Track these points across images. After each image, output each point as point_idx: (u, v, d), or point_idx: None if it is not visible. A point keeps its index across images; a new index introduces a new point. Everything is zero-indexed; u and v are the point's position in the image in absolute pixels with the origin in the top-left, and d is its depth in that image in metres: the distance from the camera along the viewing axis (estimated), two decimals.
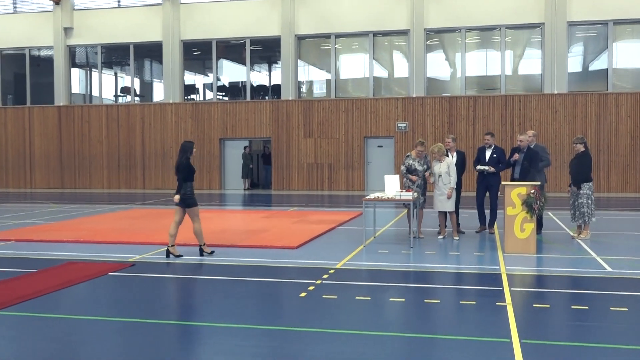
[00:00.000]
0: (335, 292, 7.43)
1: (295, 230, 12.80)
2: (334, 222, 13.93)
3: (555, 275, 8.49)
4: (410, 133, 24.03)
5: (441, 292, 7.61)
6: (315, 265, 9.18)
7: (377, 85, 25.18)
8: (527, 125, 22.99)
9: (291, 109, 25.21)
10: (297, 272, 8.75)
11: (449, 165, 11.35)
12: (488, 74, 24.61)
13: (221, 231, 12.68)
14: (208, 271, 8.86)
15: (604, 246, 10.74)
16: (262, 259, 9.68)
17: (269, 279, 8.40)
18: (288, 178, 25.27)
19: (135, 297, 7.30)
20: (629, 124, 22.62)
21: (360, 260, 9.63)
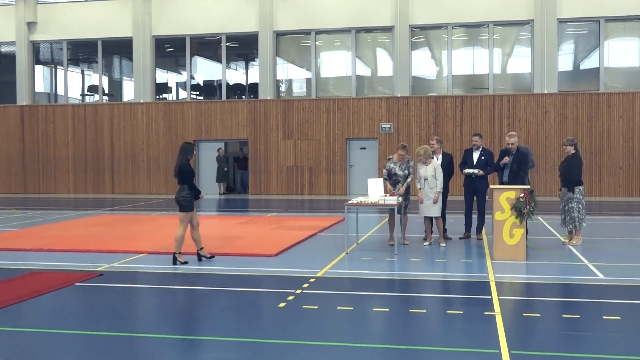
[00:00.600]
0: (316, 302, 7.42)
1: (274, 237, 12.77)
2: (315, 228, 13.92)
3: (546, 282, 8.56)
4: (394, 134, 24.12)
5: (427, 301, 7.63)
6: (295, 273, 9.17)
7: (359, 84, 25.26)
8: (516, 126, 23.20)
9: (269, 109, 25.18)
10: (275, 281, 8.73)
11: (435, 168, 11.39)
12: (475, 72, 24.80)
13: None
14: (181, 281, 8.80)
15: (596, 252, 10.86)
16: (238, 268, 9.65)
17: (246, 288, 8.37)
18: (266, 182, 25.22)
19: (103, 309, 7.23)
20: (621, 125, 22.91)
21: (342, 268, 9.62)
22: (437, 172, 11.37)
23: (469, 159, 12.32)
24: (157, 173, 26.03)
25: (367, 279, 8.83)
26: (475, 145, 12.33)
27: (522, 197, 10.05)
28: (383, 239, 12.41)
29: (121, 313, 7.05)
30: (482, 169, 12.17)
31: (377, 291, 8.14)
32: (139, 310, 7.42)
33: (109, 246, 11.64)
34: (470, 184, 12.27)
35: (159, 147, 26.01)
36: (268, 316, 6.91)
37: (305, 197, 24.47)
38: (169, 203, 22.12)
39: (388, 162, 11.72)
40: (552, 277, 8.94)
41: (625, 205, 20.53)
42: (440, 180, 11.34)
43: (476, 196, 12.33)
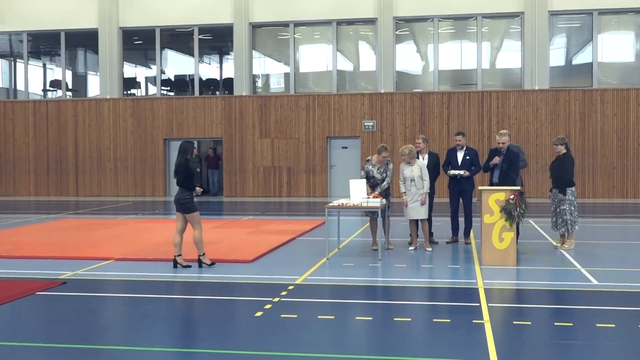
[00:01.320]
0: (295, 310, 7.42)
1: (250, 241, 12.75)
2: (294, 233, 13.92)
3: (537, 289, 8.63)
4: (378, 133, 24.20)
5: (412, 309, 7.66)
6: (272, 280, 9.15)
7: (341, 79, 25.29)
8: (506, 124, 23.36)
9: (245, 105, 25.14)
10: (252, 289, 8.71)
11: (422, 169, 11.46)
12: (463, 67, 24.95)
13: (166, 244, 12.53)
14: (151, 289, 8.75)
15: (590, 257, 10.97)
16: (212, 275, 9.62)
17: (220, 296, 8.34)
18: (242, 183, 25.17)
19: (66, 320, 7.17)
20: (616, 123, 23.16)
21: (322, 275, 9.63)
22: (423, 172, 11.43)
23: (453, 160, 12.39)
24: (125, 174, 25.86)
25: (349, 286, 8.83)
26: (459, 144, 12.40)
27: (512, 199, 10.10)
28: (366, 244, 12.44)
29: (86, 324, 6.99)
30: (467, 169, 12.24)
31: (359, 299, 8.15)
32: (106, 321, 7.37)
33: (73, 252, 11.54)
34: (456, 186, 12.34)
35: (127, 146, 25.84)
36: (244, 326, 6.89)
37: (284, 199, 24.45)
38: (137, 206, 21.99)
39: (367, 163, 11.73)
40: (544, 283, 9.02)
41: (620, 207, 20.76)
42: (427, 180, 11.41)
43: (462, 198, 12.40)
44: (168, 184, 25.93)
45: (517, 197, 10.13)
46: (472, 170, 12.30)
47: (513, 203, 10.08)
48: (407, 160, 11.49)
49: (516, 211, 10.08)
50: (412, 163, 11.48)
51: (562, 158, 11.59)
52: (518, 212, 10.10)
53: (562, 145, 11.62)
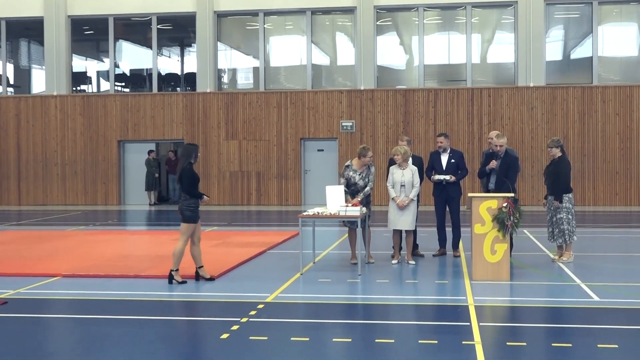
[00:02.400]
0: (266, 331, 7.40)
1: (215, 255, 12.70)
2: (264, 245, 13.89)
3: (533, 306, 8.69)
4: (357, 134, 24.26)
5: (396, 329, 7.68)
6: (240, 298, 9.12)
7: (316, 75, 25.33)
8: (498, 124, 23.55)
9: (209, 103, 25.07)
10: (217, 308, 8.68)
11: (414, 174, 11.48)
12: (451, 62, 25.10)
13: (121, 258, 12.45)
14: (103, 308, 8.68)
15: (590, 270, 11.07)
16: (173, 292, 9.56)
17: (182, 317, 8.29)
18: (206, 190, 25.05)
19: (7, 343, 7.09)
20: (618, 123, 23.43)
21: (296, 292, 9.62)
22: (414, 178, 11.48)
23: (437, 164, 12.43)
24: (74, 180, 25.64)
25: (326, 304, 8.83)
26: (442, 146, 12.46)
27: (505, 207, 10.16)
28: (344, 257, 12.44)
29: (30, 348, 6.91)
30: (453, 173, 12.28)
31: (337, 318, 8.15)
32: (52, 344, 7.29)
33: (14, 268, 11.41)
34: (442, 193, 12.38)
35: (76, 149, 25.63)
36: (208, 349, 6.86)
37: (252, 207, 24.39)
38: (88, 216, 21.80)
39: (346, 169, 11.73)
40: (540, 299, 9.09)
41: (623, 216, 20.97)
42: (417, 187, 11.46)
43: (449, 206, 12.45)
44: (122, 191, 25.75)
45: (511, 204, 10.17)
46: (458, 175, 12.36)
47: (506, 211, 10.12)
48: (400, 163, 11.51)
49: (510, 220, 10.12)
50: (403, 166, 11.52)
51: (558, 162, 11.68)
52: (512, 221, 10.14)
53: (557, 147, 11.71)
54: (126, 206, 25.38)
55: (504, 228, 10.14)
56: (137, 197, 25.72)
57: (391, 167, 11.69)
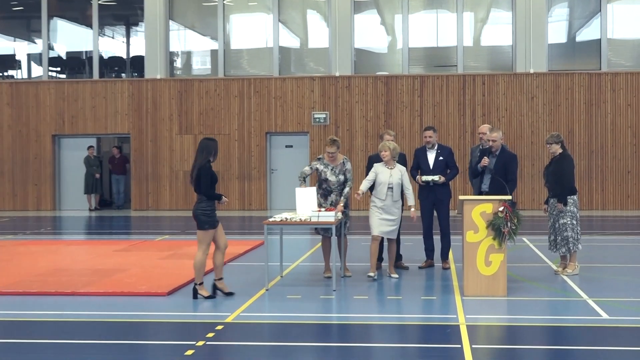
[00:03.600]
0: (226, 357, 7.38)
1: (166, 269, 12.65)
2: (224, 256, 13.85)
3: (533, 325, 8.74)
4: (331, 127, 24.26)
5: (377, 352, 7.69)
6: (195, 319, 9.10)
7: (284, 59, 25.30)
8: (493, 116, 23.66)
9: (160, 92, 24.94)
10: (169, 330, 8.64)
11: (403, 175, 11.39)
12: (440, 44, 25.19)
13: (55, 272, 12.34)
14: (35, 332, 8.61)
15: (598, 284, 11.17)
16: (117, 312, 9.49)
17: (127, 340, 8.24)
18: (155, 193, 24.94)
19: None
20: (630, 115, 23.63)
21: (261, 311, 9.61)
22: (404, 179, 11.39)
23: (424, 162, 12.42)
24: (0, 182, 25.37)
25: (295, 325, 8.83)
26: (429, 142, 12.48)
27: (501, 212, 10.20)
28: (316, 270, 12.44)
29: None
30: (441, 173, 12.30)
31: (308, 340, 8.15)
32: None
33: None
34: (429, 195, 12.38)
35: (3, 145, 25.37)
36: None
37: None
38: (16, 223, 21.58)
39: (316, 162, 11.69)
40: (542, 317, 9.14)
41: (636, 221, 21.16)
42: (410, 189, 11.39)
43: (437, 211, 12.47)
44: (58, 195, 25.53)
45: (508, 209, 10.20)
46: (448, 175, 12.39)
47: (503, 217, 10.16)
48: (387, 160, 11.41)
49: (507, 227, 10.16)
50: (391, 165, 11.45)
51: (559, 160, 11.72)
52: (509, 228, 10.18)
53: (557, 144, 11.73)
54: (62, 212, 25.17)
55: (500, 236, 10.16)
56: (74, 201, 25.50)
57: (376, 165, 11.54)
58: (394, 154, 11.43)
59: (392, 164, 11.45)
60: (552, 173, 11.77)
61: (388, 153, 11.39)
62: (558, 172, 11.65)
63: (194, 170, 10.22)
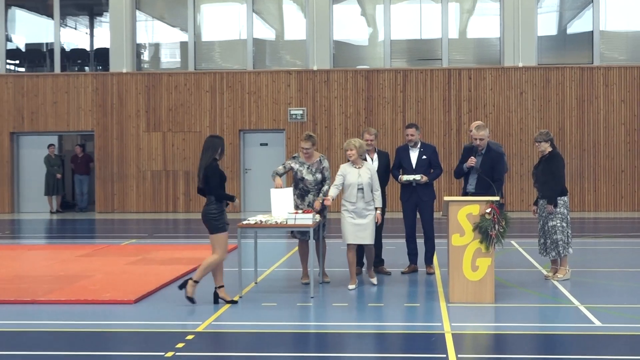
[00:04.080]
0: None
1: (133, 275, 12.63)
2: (194, 262, 13.80)
3: (523, 333, 8.78)
4: (309, 124, 24.27)
5: None
6: (164, 328, 9.08)
7: (259, 51, 25.27)
8: (480, 112, 23.72)
9: (126, 86, 24.85)
10: (136, 341, 8.62)
11: (372, 174, 11.31)
12: (423, 37, 25.24)
13: (14, 279, 12.28)
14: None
15: (591, 289, 11.24)
16: (80, 322, 9.46)
17: (92, 352, 8.20)
18: (121, 194, 24.85)
19: None
20: (624, 111, 23.75)
21: (234, 319, 9.59)
22: (373, 179, 11.26)
23: (406, 161, 12.43)
24: None
25: (271, 334, 8.82)
26: (412, 140, 12.50)
27: (488, 213, 10.24)
28: (293, 276, 12.43)
29: None
30: (424, 173, 12.32)
31: (285, 351, 8.15)
32: None
33: None
34: (411, 196, 12.39)
35: None
36: None
37: (180, 215, 24.26)
38: None
39: (291, 160, 11.67)
40: (531, 325, 9.19)
41: (630, 223, 21.28)
42: (379, 192, 11.29)
43: (420, 213, 12.50)
44: (16, 196, 25.38)
45: (496, 210, 10.24)
46: (431, 174, 12.42)
47: (490, 219, 10.19)
48: (354, 160, 11.26)
49: (494, 230, 10.20)
50: (359, 164, 11.33)
51: (549, 159, 11.76)
52: (497, 230, 10.22)
53: (546, 142, 11.78)
54: (21, 214, 25.03)
55: (487, 239, 10.20)
56: (34, 203, 25.35)
57: (342, 166, 11.39)
58: (360, 152, 11.25)
59: (360, 162, 11.26)
60: (541, 173, 11.80)
61: (354, 152, 11.17)
62: (548, 172, 11.69)
63: (201, 171, 10.28)
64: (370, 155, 12.20)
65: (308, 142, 11.44)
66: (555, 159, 11.76)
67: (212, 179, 10.22)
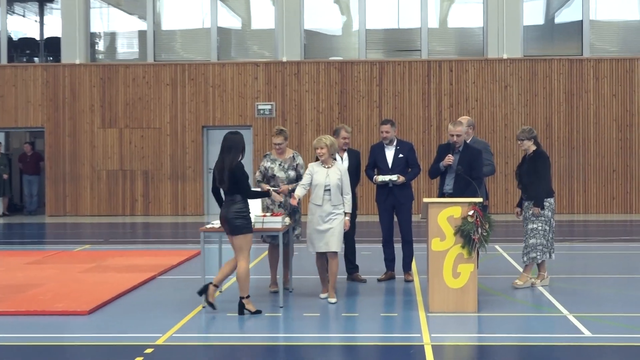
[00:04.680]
0: None
1: (88, 284, 12.56)
2: (153, 269, 13.79)
3: (507, 345, 8.83)
4: (278, 120, 24.25)
5: None
6: (121, 341, 9.04)
7: (224, 41, 25.23)
8: (462, 107, 23.80)
9: (80, 79, 24.73)
10: (91, 354, 8.58)
11: (342, 175, 11.23)
12: (401, 26, 25.29)
13: None
14: None
15: (580, 297, 11.31)
16: (30, 334, 9.40)
17: None
18: (74, 196, 24.73)
19: None
20: (615, 106, 23.91)
21: (197, 331, 9.59)
22: (343, 180, 11.13)
23: (381, 160, 12.43)
24: None
25: (237, 347, 8.82)
26: (387, 138, 12.50)
27: (470, 216, 10.26)
28: (261, 283, 12.43)
29: None
30: (401, 173, 12.33)
31: None
32: None
33: None
34: (388, 198, 12.39)
35: None
36: None
37: (138, 219, 24.18)
38: None
39: (264, 159, 11.68)
40: (517, 336, 9.23)
41: (621, 226, 21.42)
42: (349, 195, 11.16)
43: (397, 215, 12.53)
44: None
45: (479, 213, 10.27)
46: (408, 174, 12.43)
47: (473, 222, 10.22)
48: (324, 159, 11.12)
49: (477, 234, 10.23)
50: (328, 164, 11.22)
51: (533, 158, 11.79)
52: (480, 234, 10.25)
53: (529, 140, 11.80)
54: None
55: (469, 243, 10.22)
56: None
57: (311, 165, 11.33)
58: (332, 151, 11.17)
59: (330, 162, 11.15)
60: (525, 173, 11.83)
61: (325, 150, 11.05)
62: (532, 172, 11.71)
63: (224, 172, 10.22)
64: (340, 154, 12.17)
65: (280, 137, 11.46)
66: (541, 158, 11.79)
67: (242, 181, 10.24)
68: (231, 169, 10.19)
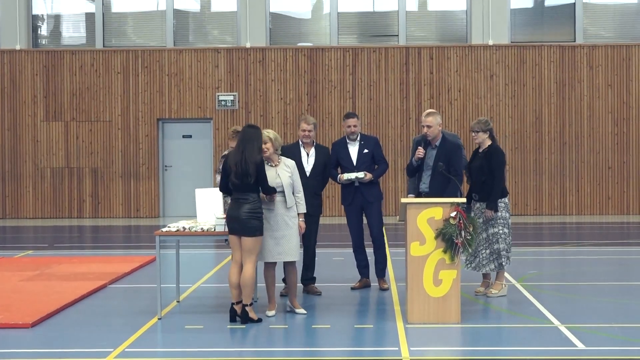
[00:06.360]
0: None
1: (30, 293, 12.53)
2: (104, 277, 13.75)
3: (493, 359, 8.85)
4: (241, 112, 24.23)
5: None
6: (68, 357, 9.03)
7: (181, 25, 25.18)
8: (444, 98, 23.87)
9: (20, 66, 24.62)
10: None
11: (293, 173, 11.04)
12: (376, 9, 25.32)
13: None
14: None
15: (573, 307, 11.40)
16: None
17: None
18: (15, 197, 24.62)
19: None
20: (610, 97, 24.05)
21: (152, 345, 9.59)
22: (295, 179, 10.89)
23: (345, 158, 12.43)
24: None
25: None
26: (355, 133, 12.49)
27: (453, 218, 10.29)
28: (223, 293, 12.42)
29: None
30: (367, 169, 12.34)
31: None
32: None
33: None
34: (355, 198, 12.37)
35: None
36: None
37: (86, 221, 24.10)
38: None
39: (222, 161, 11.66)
40: (504, 349, 9.28)
41: (618, 229, 21.54)
42: (301, 194, 10.95)
43: (367, 216, 12.54)
44: None
45: (462, 214, 10.31)
46: (375, 171, 12.41)
47: (455, 224, 10.25)
48: (268, 156, 10.73)
49: (460, 237, 10.26)
50: (275, 162, 10.92)
51: (488, 153, 11.69)
52: (463, 238, 10.27)
53: (484, 132, 11.72)
54: None
55: (452, 248, 10.24)
56: None
57: None
58: (276, 146, 10.90)
59: (276, 160, 10.87)
60: (478, 170, 11.70)
61: (269, 145, 10.75)
62: (487, 171, 11.59)
63: (249, 165, 10.20)
64: (307, 150, 12.15)
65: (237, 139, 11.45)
66: (496, 155, 11.66)
67: (263, 175, 10.29)
68: (256, 164, 10.21)
